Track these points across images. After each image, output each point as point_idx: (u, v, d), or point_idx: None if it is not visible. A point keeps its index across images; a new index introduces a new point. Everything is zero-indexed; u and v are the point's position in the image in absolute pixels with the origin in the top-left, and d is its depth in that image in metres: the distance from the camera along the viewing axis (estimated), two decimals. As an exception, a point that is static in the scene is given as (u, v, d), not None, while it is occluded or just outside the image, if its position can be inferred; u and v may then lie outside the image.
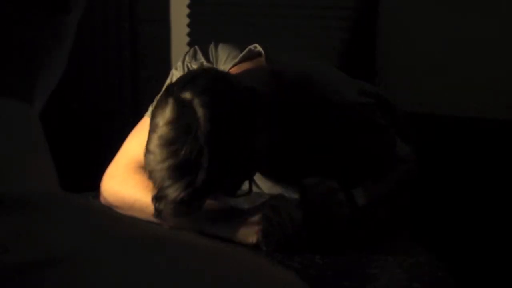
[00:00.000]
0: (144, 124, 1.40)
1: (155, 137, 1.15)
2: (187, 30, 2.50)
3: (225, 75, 1.26)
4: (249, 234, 1.20)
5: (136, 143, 1.38)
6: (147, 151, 1.16)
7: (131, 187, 1.34)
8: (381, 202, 1.39)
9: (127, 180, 1.36)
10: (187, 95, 1.14)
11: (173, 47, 2.54)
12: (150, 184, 1.26)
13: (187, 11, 2.48)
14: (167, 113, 1.14)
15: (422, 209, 1.96)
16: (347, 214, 1.29)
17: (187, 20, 2.49)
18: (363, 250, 1.24)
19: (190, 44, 2.46)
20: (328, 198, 1.27)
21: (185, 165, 1.12)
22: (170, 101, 1.15)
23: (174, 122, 1.13)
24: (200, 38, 1.86)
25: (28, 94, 0.43)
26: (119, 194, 1.36)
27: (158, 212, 1.18)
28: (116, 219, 0.40)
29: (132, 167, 1.37)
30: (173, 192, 1.13)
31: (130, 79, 2.51)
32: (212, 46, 1.46)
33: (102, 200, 1.40)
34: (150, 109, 1.41)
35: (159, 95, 1.40)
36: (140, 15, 2.50)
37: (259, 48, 1.40)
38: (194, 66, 1.41)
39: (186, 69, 1.43)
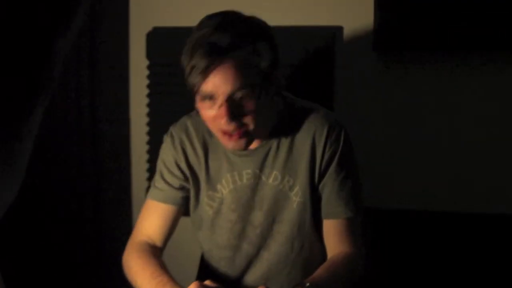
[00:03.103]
0: (150, 205, 1.63)
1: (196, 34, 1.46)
2: (146, 128, 2.54)
3: None
4: None
5: (146, 222, 1.63)
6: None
7: (140, 272, 1.53)
8: None
9: (137, 261, 1.55)
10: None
11: (133, 145, 2.57)
12: (151, 271, 1.51)
13: (146, 110, 2.52)
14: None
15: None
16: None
17: (146, 119, 2.55)
18: None
19: (150, 143, 2.50)
20: None
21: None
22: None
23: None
24: (160, 136, 1.92)
25: None
26: (131, 271, 1.56)
27: (192, 82, 1.45)
28: None
29: (144, 248, 1.59)
30: (202, 43, 1.42)
31: (91, 178, 2.51)
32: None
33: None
34: (150, 192, 1.64)
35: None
36: (100, 115, 2.53)
37: None
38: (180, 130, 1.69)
39: (175, 138, 1.68)
